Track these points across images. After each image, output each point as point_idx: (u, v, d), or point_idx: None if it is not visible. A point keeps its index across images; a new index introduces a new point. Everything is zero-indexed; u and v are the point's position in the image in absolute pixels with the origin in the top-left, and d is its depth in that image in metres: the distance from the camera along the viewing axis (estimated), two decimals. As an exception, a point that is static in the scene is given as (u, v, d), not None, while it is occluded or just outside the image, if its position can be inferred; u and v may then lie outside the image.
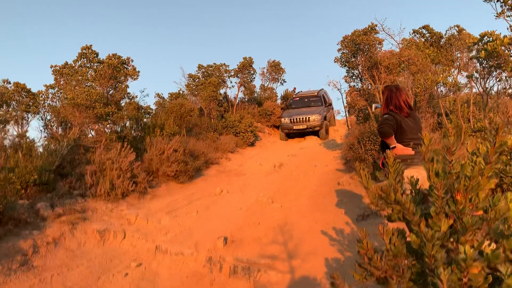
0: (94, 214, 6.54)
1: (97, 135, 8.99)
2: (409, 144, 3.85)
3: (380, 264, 1.90)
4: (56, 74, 10.37)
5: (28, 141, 8.14)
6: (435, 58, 8.00)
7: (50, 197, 6.62)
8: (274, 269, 4.79)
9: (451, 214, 1.80)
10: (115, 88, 10.37)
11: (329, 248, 5.02)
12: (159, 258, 5.73)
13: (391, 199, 2.10)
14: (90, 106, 7.73)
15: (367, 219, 5.68)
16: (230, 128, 14.64)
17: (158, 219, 6.73)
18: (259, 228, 6.16)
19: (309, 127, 15.70)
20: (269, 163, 11.70)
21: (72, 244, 5.62)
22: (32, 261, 4.96)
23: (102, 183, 7.21)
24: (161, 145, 9.15)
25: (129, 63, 10.81)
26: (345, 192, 7.33)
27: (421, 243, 1.76)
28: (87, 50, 10.33)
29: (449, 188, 1.80)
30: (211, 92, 15.59)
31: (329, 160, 10.93)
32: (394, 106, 4.06)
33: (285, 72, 22.25)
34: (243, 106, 18.92)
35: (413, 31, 10.76)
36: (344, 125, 18.39)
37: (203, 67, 18.50)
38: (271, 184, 9.01)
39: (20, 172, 6.56)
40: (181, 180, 9.07)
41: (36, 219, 5.82)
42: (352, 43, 10.04)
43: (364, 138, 7.89)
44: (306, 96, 17.98)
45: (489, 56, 4.76)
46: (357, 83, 11.00)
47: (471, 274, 1.59)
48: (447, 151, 1.79)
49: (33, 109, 8.47)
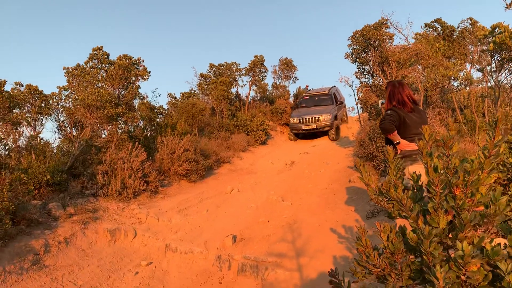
0: (105, 213, 6.60)
1: (109, 135, 9.08)
2: (414, 139, 3.78)
3: (377, 262, 1.87)
4: (68, 76, 10.51)
5: (42, 142, 8.25)
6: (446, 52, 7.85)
7: (62, 197, 6.71)
8: (282, 267, 4.77)
9: (450, 210, 1.76)
10: (126, 88, 10.45)
11: (338, 245, 4.97)
12: (169, 257, 5.76)
13: (391, 195, 2.07)
14: (100, 106, 7.80)
15: (377, 216, 5.61)
16: (242, 127, 14.65)
17: (169, 218, 6.76)
18: (268, 226, 6.15)
19: (318, 127, 15.04)
20: (281, 162, 11.68)
21: (83, 243, 5.68)
22: (44, 260, 5.03)
23: (114, 183, 7.29)
24: (172, 144, 9.20)
25: (140, 63, 10.89)
26: (355, 189, 7.26)
27: (419, 240, 1.72)
28: (98, 51, 10.43)
29: (448, 183, 1.75)
30: (222, 91, 15.61)
31: (341, 157, 10.84)
32: (397, 102, 4.00)
33: (297, 69, 22.15)
34: (255, 104, 18.88)
35: (425, 24, 10.58)
36: (356, 122, 18.25)
37: (214, 66, 18.53)
38: (282, 182, 8.98)
39: (33, 172, 6.67)
40: (192, 179, 9.11)
41: (48, 219, 5.91)
42: (362, 38, 9.93)
43: (375, 135, 7.80)
44: (316, 95, 17.32)
45: (498, 48, 4.64)
46: (368, 79, 10.89)
47: (469, 272, 1.55)
48: (445, 145, 1.75)
49: (46, 111, 8.58)
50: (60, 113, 9.80)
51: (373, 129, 8.06)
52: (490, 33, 5.01)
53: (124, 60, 10.11)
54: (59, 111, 9.71)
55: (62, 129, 9.80)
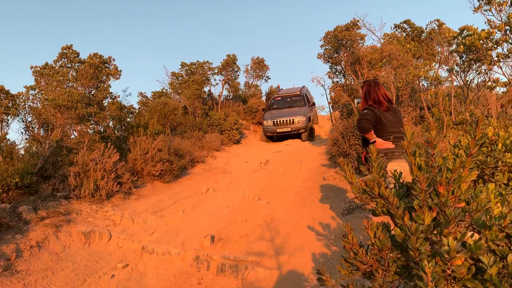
0: (78, 216, 6.45)
1: (80, 136, 8.86)
2: (389, 138, 3.88)
3: (365, 258, 1.92)
4: (36, 75, 10.18)
5: (8, 143, 7.97)
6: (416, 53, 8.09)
7: (32, 200, 6.50)
8: (262, 266, 4.80)
9: (434, 206, 1.82)
10: (97, 88, 10.22)
11: (316, 243, 5.05)
12: (146, 259, 5.69)
13: (375, 193, 2.12)
14: (71, 106, 7.60)
15: (352, 213, 5.72)
16: (215, 126, 14.60)
17: (144, 219, 6.68)
18: (246, 225, 6.16)
19: (293, 130, 14.80)
20: (255, 160, 11.71)
21: (56, 247, 5.53)
22: (16, 266, 4.86)
23: (86, 185, 7.12)
24: (145, 144, 9.06)
25: (111, 62, 10.67)
26: (330, 187, 7.37)
27: (405, 237, 1.78)
28: (67, 50, 10.16)
29: (432, 181, 1.82)
30: (195, 90, 15.52)
31: (314, 155, 10.99)
32: (373, 101, 4.09)
33: (269, 69, 22.32)
34: (228, 104, 18.85)
35: (395, 25, 10.86)
36: (328, 121, 18.51)
37: (186, 65, 18.38)
38: (257, 181, 9.01)
39: (1, 175, 6.44)
40: (166, 179, 9.01)
41: (18, 222, 5.71)
42: (334, 39, 10.09)
43: (348, 133, 7.95)
44: (288, 96, 17.03)
45: (467, 50, 4.83)
46: (340, 78, 11.07)
47: (454, 266, 1.61)
48: (429, 144, 1.81)
49: (13, 111, 8.29)
50: (27, 113, 9.51)
51: (346, 127, 8.21)
52: (459, 34, 5.21)
53: (95, 59, 9.89)
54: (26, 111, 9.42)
55: (29, 130, 9.50)
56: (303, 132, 14.81)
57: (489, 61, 4.80)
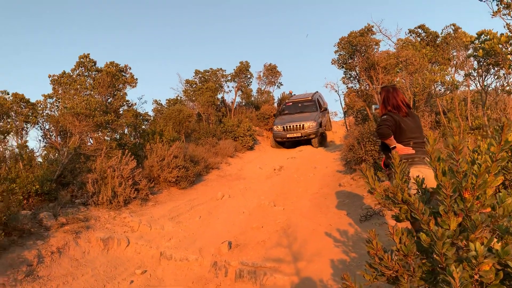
0: (97, 222, 6.54)
1: (97, 143, 8.99)
2: (409, 143, 3.86)
3: (391, 264, 1.92)
4: (54, 84, 10.38)
5: (28, 151, 8.13)
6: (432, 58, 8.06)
7: (52, 207, 6.61)
8: (280, 272, 4.80)
9: (460, 212, 1.82)
10: (113, 96, 10.38)
11: (334, 249, 5.04)
12: (164, 264, 5.73)
13: (398, 198, 2.13)
14: (89, 114, 7.73)
15: (370, 219, 5.70)
16: (229, 132, 14.67)
17: (161, 225, 6.74)
18: (262, 232, 6.18)
19: (303, 135, 14.50)
20: (269, 167, 11.73)
21: (76, 253, 5.61)
22: (38, 271, 4.95)
23: (104, 191, 7.22)
24: (162, 151, 9.16)
25: (127, 70, 10.83)
26: (346, 193, 7.35)
27: (432, 242, 1.78)
28: (84, 59, 10.34)
29: (457, 186, 1.82)
30: (208, 97, 15.63)
31: (328, 161, 10.96)
32: (392, 106, 4.08)
33: (281, 75, 22.38)
34: (241, 110, 18.93)
35: (409, 31, 10.84)
36: (342, 126, 18.45)
37: (200, 72, 18.54)
38: (272, 187, 9.02)
39: (22, 182, 6.57)
40: (182, 185, 9.09)
41: (39, 229, 5.82)
42: (348, 44, 10.10)
43: (364, 139, 7.93)
44: (300, 101, 16.73)
45: (487, 54, 4.80)
46: (355, 84, 11.06)
47: (482, 271, 1.61)
48: (454, 150, 1.81)
49: (33, 119, 8.46)
50: (45, 121, 9.70)
51: (362, 133, 8.18)
52: (476, 39, 5.18)
53: (111, 67, 10.05)
54: (44, 119, 9.61)
55: (47, 138, 9.67)
56: (314, 137, 14.52)
57: (508, 65, 4.77)
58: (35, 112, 8.59)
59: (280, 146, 15.60)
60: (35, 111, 8.67)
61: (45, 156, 8.88)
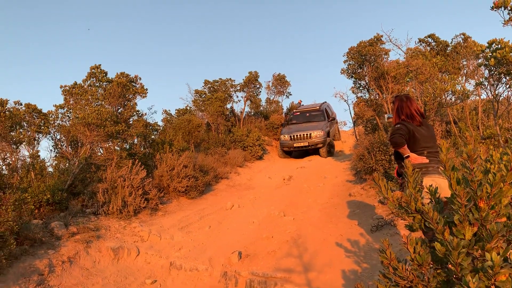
0: (107, 232, 6.56)
1: (107, 153, 9.05)
2: (423, 152, 3.84)
3: (405, 274, 1.90)
4: (65, 94, 10.51)
5: (39, 161, 8.22)
6: (443, 67, 8.03)
7: (63, 216, 6.65)
8: (291, 282, 4.76)
9: (475, 221, 1.80)
10: (124, 106, 10.47)
11: (345, 259, 4.99)
12: (174, 275, 5.73)
13: (412, 208, 2.11)
14: (101, 124, 7.81)
15: (381, 229, 5.64)
16: (238, 142, 14.70)
17: (171, 235, 6.74)
18: (272, 242, 6.15)
19: (311, 144, 14.33)
20: (278, 176, 11.71)
21: (87, 262, 5.63)
22: (49, 281, 4.97)
23: (114, 201, 7.25)
24: (171, 161, 9.19)
25: (137, 81, 10.94)
26: (357, 203, 7.30)
27: (447, 251, 1.76)
28: (96, 69, 10.48)
29: (472, 195, 1.80)
30: (218, 107, 15.70)
31: (338, 171, 10.91)
32: (405, 116, 4.06)
33: (290, 85, 22.42)
34: (250, 120, 18.97)
35: (419, 40, 10.82)
36: (351, 136, 18.38)
37: (209, 82, 18.65)
38: (281, 197, 8.99)
39: (33, 192, 6.63)
40: (191, 195, 9.10)
41: (50, 238, 5.85)
42: (358, 54, 10.11)
43: (374, 149, 7.89)
44: (307, 111, 16.67)
45: (498, 63, 4.78)
46: (364, 93, 11.04)
47: (498, 282, 1.59)
48: (469, 159, 1.80)
49: (45, 129, 8.56)
50: (56, 131, 9.80)
51: (372, 143, 8.15)
52: (487, 48, 5.16)
53: (122, 78, 10.16)
54: (55, 129, 9.71)
55: (58, 147, 9.77)
56: (321, 147, 14.39)
57: (520, 74, 4.75)
58: (47, 122, 8.67)
59: (287, 156, 15.55)
60: (47, 121, 8.75)
61: (56, 166, 8.97)
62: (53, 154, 9.83)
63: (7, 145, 7.40)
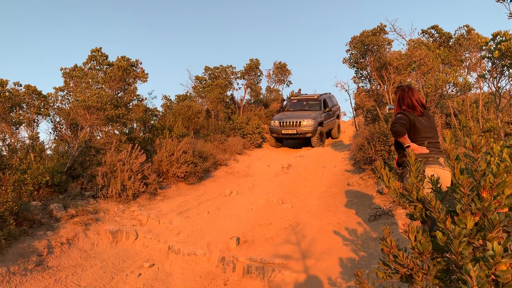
0: (106, 215, 6.58)
1: (107, 137, 9.04)
2: (423, 143, 3.84)
3: (406, 261, 1.92)
4: (66, 77, 10.45)
5: (38, 143, 8.21)
6: (445, 58, 8.00)
7: (62, 198, 6.67)
8: (289, 269, 4.80)
9: (477, 211, 1.81)
10: (124, 90, 10.42)
11: (343, 248, 5.02)
12: (172, 259, 5.77)
13: (413, 197, 2.12)
14: (101, 108, 7.77)
15: (379, 219, 5.67)
16: (238, 129, 14.68)
17: (170, 220, 6.77)
18: (270, 228, 6.18)
19: (299, 133, 13.98)
20: (277, 164, 11.73)
21: (85, 244, 5.66)
22: (47, 262, 5.00)
23: (113, 184, 7.26)
24: (171, 146, 9.19)
25: (138, 65, 10.86)
26: (355, 192, 7.32)
27: (448, 240, 1.77)
28: (96, 52, 10.39)
29: (475, 185, 1.81)
30: (218, 94, 15.64)
31: (337, 161, 10.92)
32: (407, 106, 4.06)
33: (291, 73, 22.31)
34: (250, 107, 18.92)
35: (422, 31, 10.75)
36: (351, 126, 18.37)
37: (209, 69, 18.54)
38: (280, 185, 9.02)
39: (33, 173, 6.63)
40: (190, 181, 9.11)
41: (49, 220, 5.87)
42: (360, 43, 10.04)
43: (374, 139, 7.89)
44: (305, 99, 16.36)
45: (502, 55, 4.76)
46: (365, 84, 11.00)
47: (499, 271, 1.60)
48: (474, 148, 1.80)
49: (44, 112, 8.53)
50: (55, 114, 9.76)
51: (372, 133, 8.14)
52: (492, 40, 5.14)
53: (123, 61, 10.08)
54: (55, 112, 9.67)
55: (57, 130, 9.75)
56: (311, 136, 14.05)
57: (523, 67, 4.73)
58: (46, 105, 8.64)
59: (279, 144, 15.26)
60: (47, 103, 8.71)
61: (55, 148, 8.96)
62: (52, 137, 9.83)
63: (6, 126, 7.37)
